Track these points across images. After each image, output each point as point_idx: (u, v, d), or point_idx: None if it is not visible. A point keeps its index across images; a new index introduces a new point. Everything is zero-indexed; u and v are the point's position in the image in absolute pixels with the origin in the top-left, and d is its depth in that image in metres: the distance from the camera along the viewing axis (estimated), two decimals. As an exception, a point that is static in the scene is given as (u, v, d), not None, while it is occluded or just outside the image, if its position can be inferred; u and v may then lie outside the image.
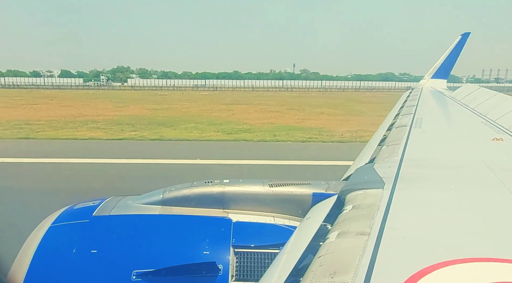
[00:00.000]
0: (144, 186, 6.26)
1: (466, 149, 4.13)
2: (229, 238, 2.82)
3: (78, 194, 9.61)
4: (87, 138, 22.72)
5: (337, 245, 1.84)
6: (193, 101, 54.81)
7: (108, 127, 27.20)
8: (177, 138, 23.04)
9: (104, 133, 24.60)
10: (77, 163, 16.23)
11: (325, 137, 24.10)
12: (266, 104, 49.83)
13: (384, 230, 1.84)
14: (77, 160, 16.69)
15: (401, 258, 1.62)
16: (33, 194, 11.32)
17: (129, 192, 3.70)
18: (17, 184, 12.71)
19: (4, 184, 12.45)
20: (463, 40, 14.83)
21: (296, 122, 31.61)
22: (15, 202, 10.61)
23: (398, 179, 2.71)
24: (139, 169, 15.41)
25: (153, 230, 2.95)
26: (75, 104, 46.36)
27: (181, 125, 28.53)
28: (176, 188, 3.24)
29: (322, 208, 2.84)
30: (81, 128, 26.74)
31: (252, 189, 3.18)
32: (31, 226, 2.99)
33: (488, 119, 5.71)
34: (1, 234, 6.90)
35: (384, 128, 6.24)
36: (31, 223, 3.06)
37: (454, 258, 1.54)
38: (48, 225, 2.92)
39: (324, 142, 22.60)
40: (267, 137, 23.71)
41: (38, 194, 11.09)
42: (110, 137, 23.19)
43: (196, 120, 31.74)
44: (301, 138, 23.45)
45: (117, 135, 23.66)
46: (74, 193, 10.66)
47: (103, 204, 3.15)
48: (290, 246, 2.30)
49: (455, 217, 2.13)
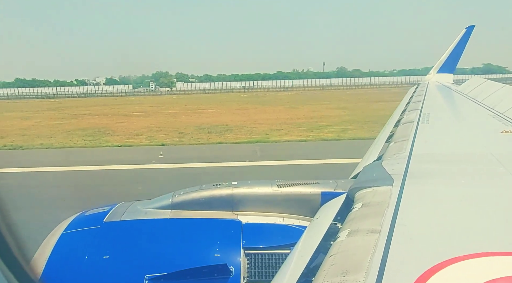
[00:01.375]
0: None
1: (475, 142, 4.09)
2: (239, 239, 2.82)
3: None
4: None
5: (348, 244, 1.83)
6: (323, 101, 49.89)
7: (351, 126, 25.72)
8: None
9: (361, 132, 22.51)
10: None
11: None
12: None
13: (394, 227, 1.83)
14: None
15: (413, 255, 1.61)
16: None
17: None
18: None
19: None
20: (467, 34, 14.65)
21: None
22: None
23: (407, 176, 2.69)
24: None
25: (163, 234, 2.96)
26: (252, 108, 43.94)
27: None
28: (185, 191, 3.25)
29: (331, 207, 2.83)
30: (333, 128, 25.18)
31: (261, 190, 3.18)
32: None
33: (496, 111, 5.64)
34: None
35: (391, 125, 6.19)
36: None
37: (466, 253, 1.52)
38: (60, 232, 2.95)
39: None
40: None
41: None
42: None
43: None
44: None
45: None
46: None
47: (113, 210, 3.17)
48: (301, 246, 2.30)
49: (466, 212, 2.11)
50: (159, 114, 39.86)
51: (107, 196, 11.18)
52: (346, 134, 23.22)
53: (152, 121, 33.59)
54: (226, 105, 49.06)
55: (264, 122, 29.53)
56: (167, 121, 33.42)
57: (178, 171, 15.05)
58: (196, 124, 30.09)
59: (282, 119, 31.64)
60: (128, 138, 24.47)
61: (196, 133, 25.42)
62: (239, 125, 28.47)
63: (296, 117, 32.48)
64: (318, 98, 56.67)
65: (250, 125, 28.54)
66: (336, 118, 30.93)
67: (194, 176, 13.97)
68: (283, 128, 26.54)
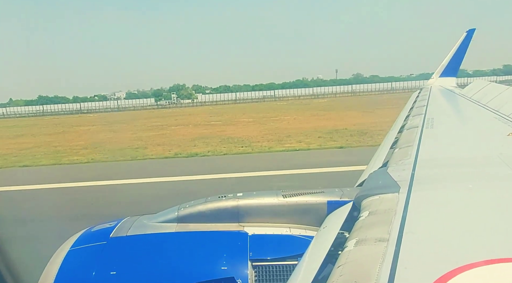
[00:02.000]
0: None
1: (481, 146, 4.03)
2: (246, 252, 2.80)
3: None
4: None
5: (356, 253, 1.80)
6: (383, 105, 48.36)
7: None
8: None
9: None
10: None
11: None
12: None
13: (403, 235, 1.80)
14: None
15: (422, 263, 1.58)
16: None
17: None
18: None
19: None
20: (468, 37, 14.74)
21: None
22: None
23: (413, 182, 2.65)
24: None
25: (170, 248, 2.96)
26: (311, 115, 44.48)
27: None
28: (190, 204, 3.26)
29: (338, 216, 2.80)
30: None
31: (266, 201, 3.16)
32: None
33: (501, 114, 5.55)
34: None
35: (395, 131, 6.15)
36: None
37: (477, 260, 1.49)
38: (67, 249, 2.98)
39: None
40: None
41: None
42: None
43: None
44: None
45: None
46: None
47: (119, 225, 3.19)
48: (309, 256, 2.27)
49: (475, 217, 2.07)
50: (262, 121, 40.27)
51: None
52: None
53: (264, 127, 34.14)
54: (295, 113, 48.89)
55: (380, 126, 27.60)
56: (278, 127, 33.70)
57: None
58: (317, 128, 30.17)
59: (386, 121, 31.12)
60: (286, 142, 24.81)
61: (338, 136, 25.48)
62: (365, 129, 28.05)
63: (391, 120, 31.29)
64: (371, 103, 56.33)
65: (373, 128, 27.61)
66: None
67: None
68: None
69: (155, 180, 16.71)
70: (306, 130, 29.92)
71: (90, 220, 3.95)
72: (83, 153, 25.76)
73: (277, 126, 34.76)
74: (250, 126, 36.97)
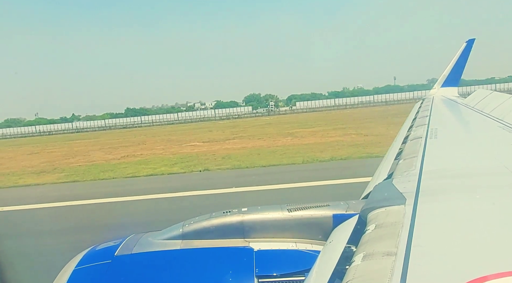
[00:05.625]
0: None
1: (487, 155, 3.99)
2: (252, 267, 2.77)
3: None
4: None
5: (364, 268, 1.77)
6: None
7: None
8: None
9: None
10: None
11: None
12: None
13: (411, 248, 1.77)
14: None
15: (432, 277, 1.55)
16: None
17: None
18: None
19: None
20: (468, 47, 14.87)
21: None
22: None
23: (419, 193, 2.63)
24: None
25: (175, 266, 2.93)
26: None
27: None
28: (195, 220, 3.24)
29: (344, 229, 2.76)
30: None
31: (271, 216, 3.13)
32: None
33: (505, 123, 5.52)
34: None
35: (399, 142, 6.13)
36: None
37: (489, 273, 1.45)
38: (72, 269, 2.95)
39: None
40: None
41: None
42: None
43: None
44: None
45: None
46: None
47: (124, 242, 3.17)
48: (316, 272, 2.24)
49: (484, 228, 2.03)
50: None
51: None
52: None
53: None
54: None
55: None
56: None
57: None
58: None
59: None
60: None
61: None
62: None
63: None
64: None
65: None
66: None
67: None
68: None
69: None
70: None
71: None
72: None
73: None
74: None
